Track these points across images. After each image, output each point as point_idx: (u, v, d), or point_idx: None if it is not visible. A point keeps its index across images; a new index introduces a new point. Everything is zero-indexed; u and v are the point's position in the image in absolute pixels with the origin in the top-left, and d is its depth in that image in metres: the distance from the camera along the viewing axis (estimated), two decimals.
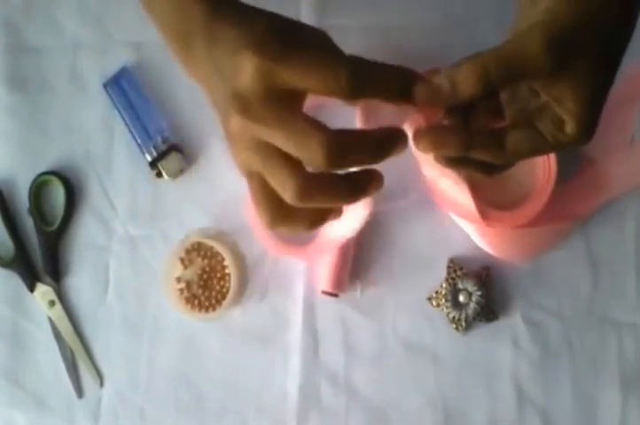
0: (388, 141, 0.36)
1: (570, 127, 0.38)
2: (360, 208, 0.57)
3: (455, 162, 0.41)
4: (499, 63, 0.36)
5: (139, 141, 0.63)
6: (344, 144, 0.34)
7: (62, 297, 0.64)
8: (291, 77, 0.35)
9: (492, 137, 0.39)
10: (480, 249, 0.59)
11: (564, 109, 0.38)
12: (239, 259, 0.61)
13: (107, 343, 0.63)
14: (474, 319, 0.58)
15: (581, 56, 0.36)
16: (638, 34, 0.58)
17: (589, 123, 0.38)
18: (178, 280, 0.61)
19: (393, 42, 0.61)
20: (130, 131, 0.64)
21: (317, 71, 0.35)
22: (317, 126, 0.34)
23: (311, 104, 0.39)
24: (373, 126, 0.36)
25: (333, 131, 0.34)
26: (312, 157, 0.34)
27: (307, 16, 0.62)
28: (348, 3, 0.62)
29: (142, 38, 0.64)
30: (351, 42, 0.61)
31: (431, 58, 0.60)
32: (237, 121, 0.35)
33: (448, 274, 0.59)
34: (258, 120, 0.35)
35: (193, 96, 0.62)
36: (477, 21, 0.60)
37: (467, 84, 0.37)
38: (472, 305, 0.58)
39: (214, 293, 0.60)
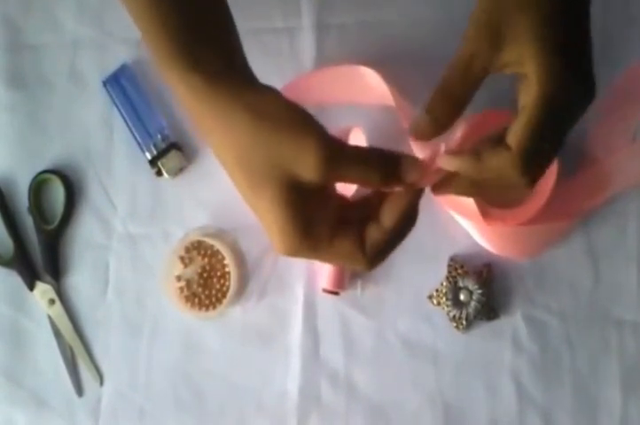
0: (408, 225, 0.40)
1: (532, 80, 0.37)
2: None
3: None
4: (456, 71, 0.39)
5: (139, 139, 0.63)
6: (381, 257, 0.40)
7: (62, 295, 0.64)
8: (347, 172, 0.37)
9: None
10: (481, 247, 0.59)
11: (523, 66, 0.38)
12: (239, 258, 0.61)
13: (107, 342, 0.63)
14: (475, 317, 0.58)
15: (506, 16, 0.38)
16: (637, 32, 0.59)
17: (551, 69, 0.37)
18: (178, 278, 0.61)
19: (393, 39, 0.61)
20: (130, 129, 0.64)
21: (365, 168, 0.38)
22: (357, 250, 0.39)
23: (312, 103, 0.39)
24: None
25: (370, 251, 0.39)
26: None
27: (307, 15, 0.62)
28: (348, 2, 0.62)
29: None
30: (351, 40, 0.62)
31: (430, 57, 0.60)
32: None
33: (449, 272, 0.59)
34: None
35: None
36: None
37: (443, 109, 0.40)
38: (472, 304, 0.58)
39: (214, 292, 0.60)
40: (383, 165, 0.38)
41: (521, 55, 0.38)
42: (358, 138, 0.58)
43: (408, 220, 0.39)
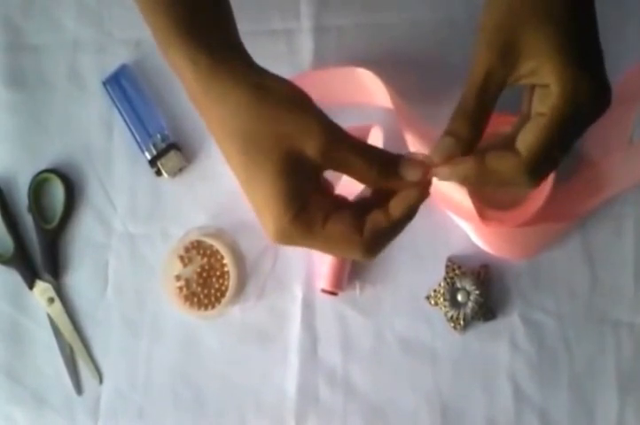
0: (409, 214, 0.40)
1: (553, 91, 0.38)
2: None
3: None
4: (473, 91, 0.39)
5: (138, 139, 0.63)
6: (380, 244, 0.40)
7: (61, 294, 0.64)
8: (347, 157, 0.38)
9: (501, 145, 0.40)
10: (479, 248, 0.59)
11: (542, 77, 0.38)
12: (239, 258, 0.61)
13: (106, 341, 0.64)
14: (472, 318, 0.58)
15: (520, 32, 0.38)
16: (637, 32, 0.59)
17: (572, 80, 0.37)
18: (177, 278, 0.61)
19: (392, 42, 0.61)
20: (130, 129, 0.64)
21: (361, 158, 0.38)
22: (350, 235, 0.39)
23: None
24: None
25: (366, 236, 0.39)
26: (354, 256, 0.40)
27: (306, 16, 0.62)
28: (348, 4, 0.62)
29: (141, 36, 0.64)
30: (350, 42, 0.62)
31: (429, 59, 0.61)
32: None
33: (447, 272, 0.59)
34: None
35: None
36: (475, 21, 0.60)
37: (465, 129, 0.39)
38: (470, 304, 0.58)
39: (213, 291, 0.60)
40: (383, 159, 0.39)
41: (539, 67, 0.38)
42: (377, 136, 0.58)
43: (413, 213, 0.40)
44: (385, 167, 0.39)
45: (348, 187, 0.48)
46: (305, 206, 0.38)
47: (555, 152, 0.39)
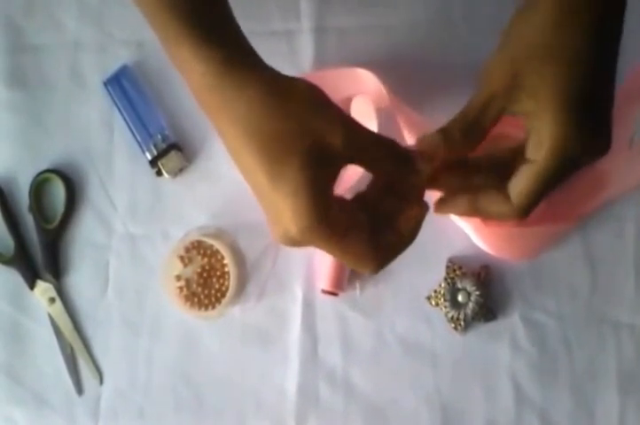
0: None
1: (546, 138, 0.38)
2: None
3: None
4: (475, 106, 0.40)
5: (139, 139, 0.63)
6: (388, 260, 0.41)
7: (62, 294, 0.64)
8: (367, 148, 0.39)
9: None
10: (479, 248, 0.59)
11: (535, 124, 0.39)
12: (239, 258, 0.61)
13: (107, 341, 0.64)
14: (473, 318, 0.58)
15: (528, 69, 0.38)
16: (637, 32, 0.59)
17: (568, 129, 0.37)
18: (178, 278, 0.61)
19: (392, 42, 0.61)
20: (130, 129, 0.64)
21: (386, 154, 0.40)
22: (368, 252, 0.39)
23: None
24: None
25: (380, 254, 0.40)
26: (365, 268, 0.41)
27: (306, 16, 0.62)
28: (348, 4, 0.62)
29: (142, 37, 0.64)
30: (350, 42, 0.62)
31: (428, 60, 0.61)
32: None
33: (447, 273, 0.59)
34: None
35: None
36: (475, 22, 0.60)
37: (457, 133, 0.40)
38: (470, 305, 0.58)
39: (213, 291, 0.60)
40: (395, 148, 0.40)
41: (538, 109, 0.38)
42: (364, 104, 0.58)
43: (420, 228, 0.41)
44: (398, 158, 0.40)
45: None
46: (329, 209, 0.37)
47: (544, 196, 0.40)
